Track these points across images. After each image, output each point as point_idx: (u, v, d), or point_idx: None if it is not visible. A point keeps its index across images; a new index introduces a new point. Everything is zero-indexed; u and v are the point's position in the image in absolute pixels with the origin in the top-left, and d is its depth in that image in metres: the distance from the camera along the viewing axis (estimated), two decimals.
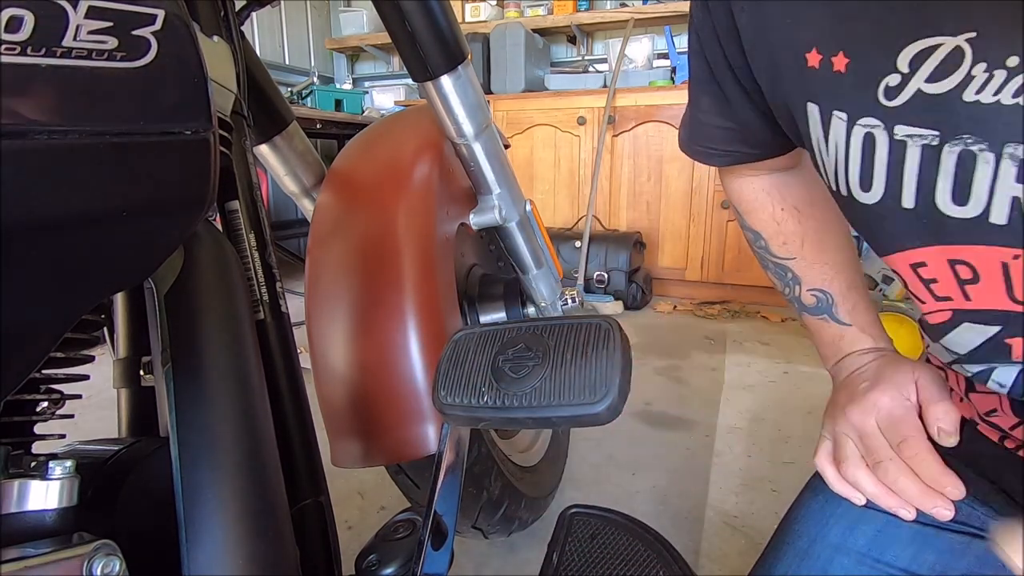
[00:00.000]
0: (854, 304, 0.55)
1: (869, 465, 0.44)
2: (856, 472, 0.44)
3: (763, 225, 0.58)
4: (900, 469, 0.41)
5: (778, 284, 0.60)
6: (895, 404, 0.45)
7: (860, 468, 0.44)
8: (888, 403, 0.45)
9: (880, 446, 0.44)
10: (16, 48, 0.22)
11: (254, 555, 0.36)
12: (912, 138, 0.35)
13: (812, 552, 0.51)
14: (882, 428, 0.44)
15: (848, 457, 0.45)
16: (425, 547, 0.48)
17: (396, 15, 0.55)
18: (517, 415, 0.30)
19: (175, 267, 0.40)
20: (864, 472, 0.44)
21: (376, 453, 0.63)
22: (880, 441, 0.44)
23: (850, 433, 0.46)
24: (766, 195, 0.58)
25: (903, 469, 0.41)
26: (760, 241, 0.59)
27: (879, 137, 0.37)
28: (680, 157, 2.57)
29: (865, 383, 0.48)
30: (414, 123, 0.75)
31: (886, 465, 0.42)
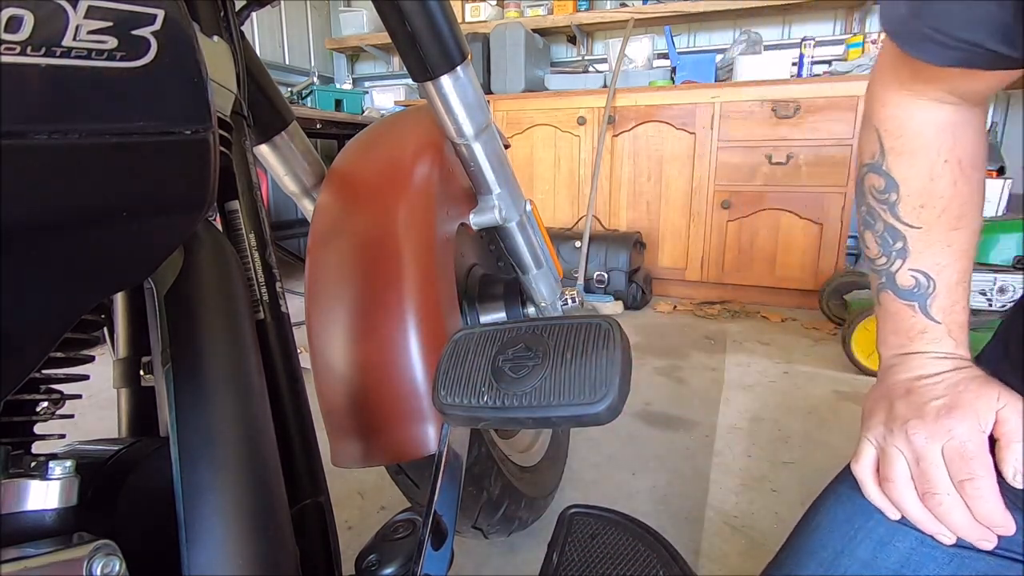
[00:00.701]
0: (955, 301, 0.47)
1: (919, 492, 0.41)
2: (903, 495, 0.41)
3: (911, 175, 0.47)
4: (956, 504, 0.39)
5: (872, 250, 0.50)
6: (970, 436, 0.39)
7: (908, 492, 0.41)
8: (962, 434, 0.39)
9: (941, 479, 0.40)
10: (16, 48, 0.22)
11: (254, 555, 0.36)
12: None
13: (838, 565, 0.48)
14: (947, 460, 0.40)
15: (897, 479, 0.42)
16: (425, 547, 0.48)
17: (396, 15, 0.55)
18: (517, 415, 0.30)
19: (175, 267, 0.40)
20: (912, 497, 0.41)
21: (376, 453, 0.63)
22: (942, 474, 0.40)
23: (906, 452, 0.42)
24: (937, 134, 0.46)
25: (959, 505, 0.38)
26: (891, 195, 0.48)
27: None
28: (680, 157, 2.57)
29: (938, 400, 0.42)
30: (414, 123, 0.75)
31: (942, 498, 0.39)
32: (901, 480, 0.42)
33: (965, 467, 0.39)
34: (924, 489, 0.40)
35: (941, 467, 0.40)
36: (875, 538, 0.48)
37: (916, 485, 0.41)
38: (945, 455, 0.40)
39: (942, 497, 0.39)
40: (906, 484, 0.41)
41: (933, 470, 0.40)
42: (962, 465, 0.39)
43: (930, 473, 0.40)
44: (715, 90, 2.45)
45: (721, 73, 2.67)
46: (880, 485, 0.43)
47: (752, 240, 2.53)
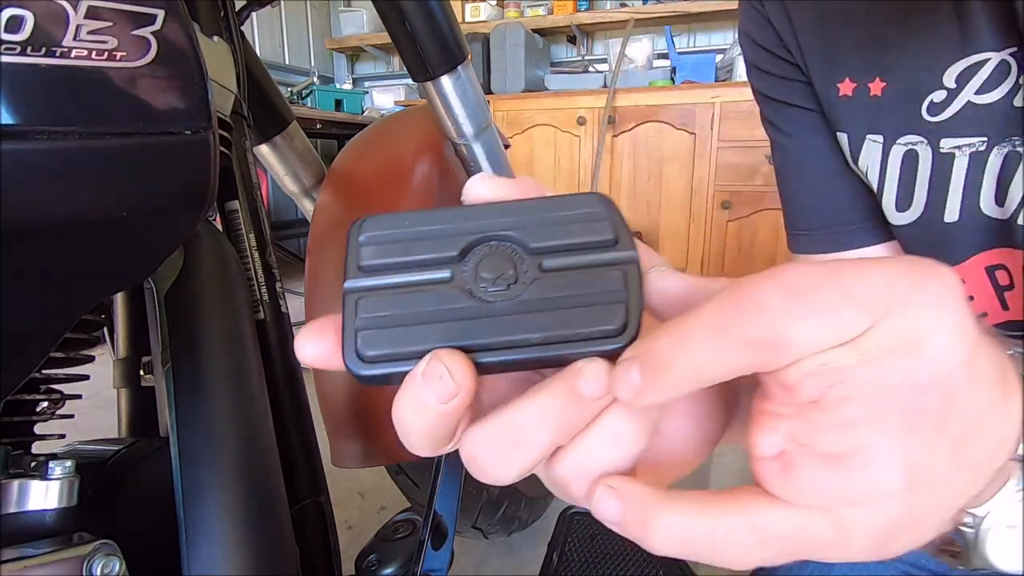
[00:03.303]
0: None
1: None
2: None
3: None
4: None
5: None
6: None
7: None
8: None
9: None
10: (16, 48, 0.22)
11: (254, 555, 0.36)
12: (960, 148, 0.36)
13: None
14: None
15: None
16: (425, 547, 0.48)
17: (396, 15, 0.55)
18: None
19: (175, 267, 0.40)
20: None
21: (376, 453, 0.63)
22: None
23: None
24: None
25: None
26: None
27: (922, 153, 0.38)
28: (680, 157, 2.57)
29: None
30: (414, 123, 0.75)
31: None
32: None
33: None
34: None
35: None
36: None
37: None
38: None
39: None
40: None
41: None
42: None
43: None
44: (715, 90, 2.45)
45: (721, 73, 2.67)
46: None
47: (752, 240, 2.53)
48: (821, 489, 0.16)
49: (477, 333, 0.18)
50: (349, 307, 0.19)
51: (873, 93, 0.39)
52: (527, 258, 0.19)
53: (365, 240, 0.19)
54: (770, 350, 0.16)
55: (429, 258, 0.19)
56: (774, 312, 0.15)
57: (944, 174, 0.37)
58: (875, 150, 0.40)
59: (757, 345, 0.16)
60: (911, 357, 0.16)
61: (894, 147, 0.39)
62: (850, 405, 0.16)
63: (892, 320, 0.16)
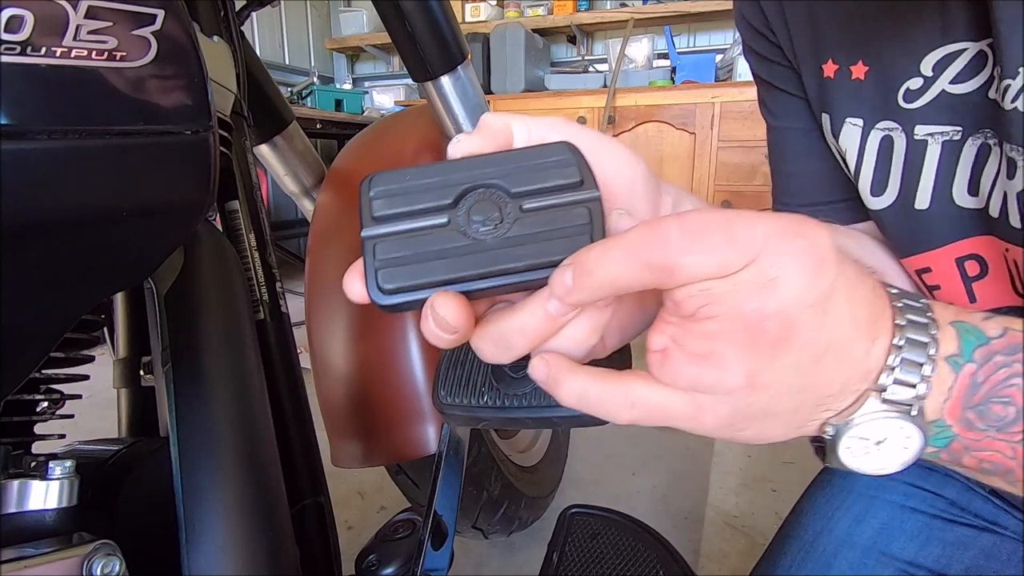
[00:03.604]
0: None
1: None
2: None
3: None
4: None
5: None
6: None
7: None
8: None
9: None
10: (16, 48, 0.22)
11: (254, 555, 0.36)
12: (933, 136, 0.37)
13: (817, 545, 0.51)
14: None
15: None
16: (425, 547, 0.48)
17: (396, 15, 0.55)
18: (517, 415, 0.30)
19: (175, 267, 0.40)
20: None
21: (376, 453, 0.63)
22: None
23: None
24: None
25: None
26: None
27: (897, 139, 0.38)
28: (680, 157, 2.57)
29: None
30: (414, 123, 0.75)
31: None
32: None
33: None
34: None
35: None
36: (850, 516, 0.50)
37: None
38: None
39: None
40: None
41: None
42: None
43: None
44: (715, 90, 2.45)
45: (721, 73, 2.67)
46: None
47: None
48: (684, 376, 0.22)
49: (472, 266, 0.22)
50: (368, 251, 0.23)
51: (855, 76, 0.39)
52: (510, 201, 0.23)
53: (375, 195, 0.23)
54: (665, 273, 0.21)
55: (429, 206, 0.23)
56: (673, 246, 0.20)
57: (917, 161, 0.38)
58: (854, 133, 0.40)
59: (656, 268, 0.21)
60: (765, 292, 0.21)
61: (872, 131, 0.39)
62: (715, 322, 0.21)
63: (760, 263, 0.20)
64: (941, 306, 0.25)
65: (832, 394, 0.23)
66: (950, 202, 0.37)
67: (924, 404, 0.24)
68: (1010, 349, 0.24)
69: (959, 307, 0.26)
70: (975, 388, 0.24)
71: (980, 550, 0.46)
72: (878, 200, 0.40)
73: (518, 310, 0.23)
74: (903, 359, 0.23)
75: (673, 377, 0.23)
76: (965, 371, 0.24)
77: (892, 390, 0.23)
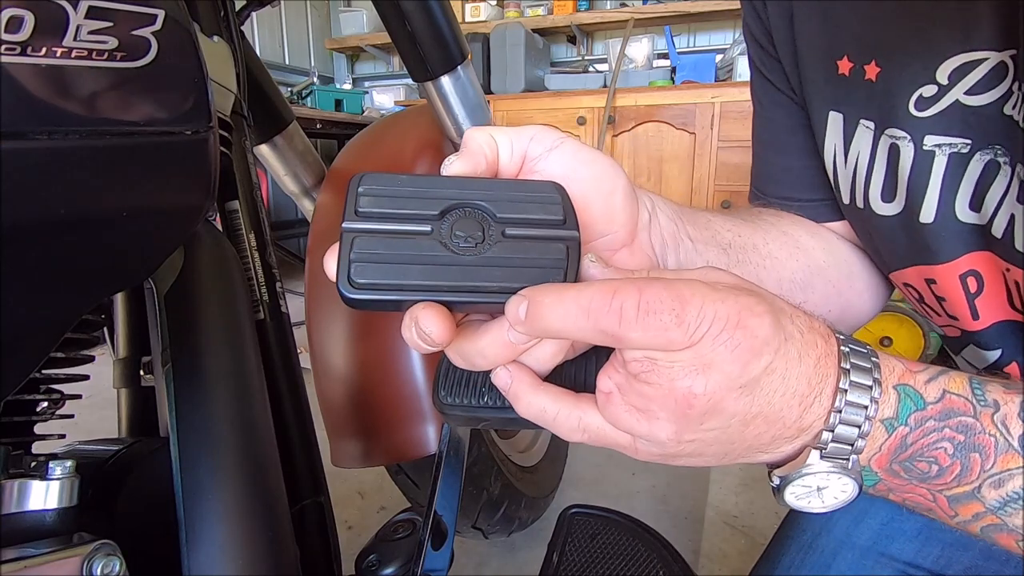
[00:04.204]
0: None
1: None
2: None
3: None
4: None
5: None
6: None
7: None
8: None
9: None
10: (16, 48, 0.22)
11: (254, 555, 0.36)
12: (941, 147, 0.35)
13: (816, 546, 0.51)
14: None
15: None
16: (425, 547, 0.48)
17: (396, 15, 0.55)
18: (517, 415, 0.30)
19: (175, 267, 0.40)
20: None
21: (376, 453, 0.63)
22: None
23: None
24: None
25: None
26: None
27: (904, 149, 0.37)
28: (680, 157, 2.58)
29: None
30: (414, 123, 0.75)
31: None
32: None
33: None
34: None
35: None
36: (849, 517, 0.50)
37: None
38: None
39: None
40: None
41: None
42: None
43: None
44: (715, 90, 2.45)
45: (721, 73, 2.67)
46: None
47: None
48: (622, 421, 0.25)
49: (447, 277, 0.23)
50: (345, 243, 0.23)
51: (868, 76, 0.38)
52: (493, 225, 0.24)
53: (363, 191, 0.24)
54: (613, 341, 0.23)
55: (415, 213, 0.23)
56: (626, 320, 0.22)
57: (923, 172, 0.36)
58: (866, 136, 0.39)
59: (607, 335, 0.23)
60: (698, 375, 0.23)
61: (882, 137, 0.38)
62: (652, 388, 0.24)
63: (699, 348, 0.23)
64: (889, 365, 0.27)
65: (762, 445, 0.26)
66: (953, 217, 0.36)
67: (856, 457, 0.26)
68: (943, 415, 0.26)
69: (907, 365, 0.27)
70: (904, 448, 0.26)
71: (979, 551, 0.46)
72: (888, 207, 0.39)
73: (481, 334, 0.25)
74: (842, 420, 0.25)
75: (613, 419, 0.25)
76: (898, 433, 0.26)
77: (831, 447, 0.26)
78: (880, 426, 0.26)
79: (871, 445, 0.26)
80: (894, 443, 0.26)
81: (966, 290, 0.37)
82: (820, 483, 0.27)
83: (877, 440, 0.26)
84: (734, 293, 0.24)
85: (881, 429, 0.26)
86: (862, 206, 0.40)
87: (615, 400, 0.25)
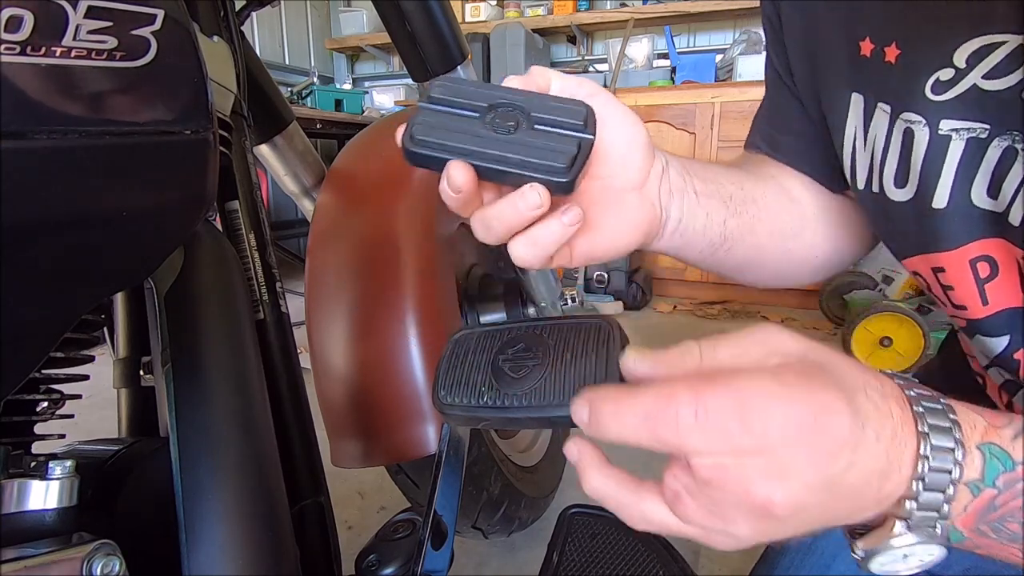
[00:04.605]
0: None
1: None
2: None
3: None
4: None
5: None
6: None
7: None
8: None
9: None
10: (16, 48, 0.22)
11: (254, 555, 0.36)
12: (958, 131, 0.34)
13: (815, 548, 0.50)
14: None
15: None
16: (425, 547, 0.48)
17: (396, 15, 0.55)
18: (517, 415, 0.30)
19: (175, 267, 0.40)
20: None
21: (376, 453, 0.63)
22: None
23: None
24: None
25: None
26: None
27: (918, 133, 0.36)
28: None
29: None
30: None
31: None
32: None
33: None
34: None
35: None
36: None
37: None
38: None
39: None
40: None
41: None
42: None
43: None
44: (715, 90, 2.45)
45: (721, 73, 2.67)
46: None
47: None
48: (696, 520, 0.24)
49: (482, 146, 0.28)
50: (417, 113, 0.30)
51: (888, 59, 0.37)
52: (526, 119, 0.29)
53: (437, 84, 0.30)
54: (675, 449, 0.23)
55: (470, 103, 0.30)
56: (683, 429, 0.22)
57: (938, 157, 0.36)
58: (883, 119, 0.38)
59: (667, 445, 0.23)
60: (776, 481, 0.22)
61: (897, 121, 0.37)
62: (725, 493, 0.23)
63: (773, 455, 0.22)
64: (969, 421, 0.26)
65: (840, 519, 0.26)
66: (968, 202, 0.36)
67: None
68: None
69: (988, 419, 0.26)
70: (992, 509, 0.25)
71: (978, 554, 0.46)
72: (901, 192, 0.39)
73: (500, 201, 0.29)
74: (926, 486, 0.24)
75: (685, 518, 0.25)
76: (985, 495, 0.25)
77: (916, 516, 0.25)
78: (965, 488, 0.25)
79: (955, 507, 0.25)
80: (980, 504, 0.25)
81: (976, 276, 0.37)
82: (907, 552, 0.26)
83: (961, 502, 0.25)
84: (807, 390, 0.23)
85: (966, 491, 0.25)
86: (877, 191, 0.40)
87: (685, 501, 0.24)
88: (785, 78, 0.47)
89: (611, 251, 0.36)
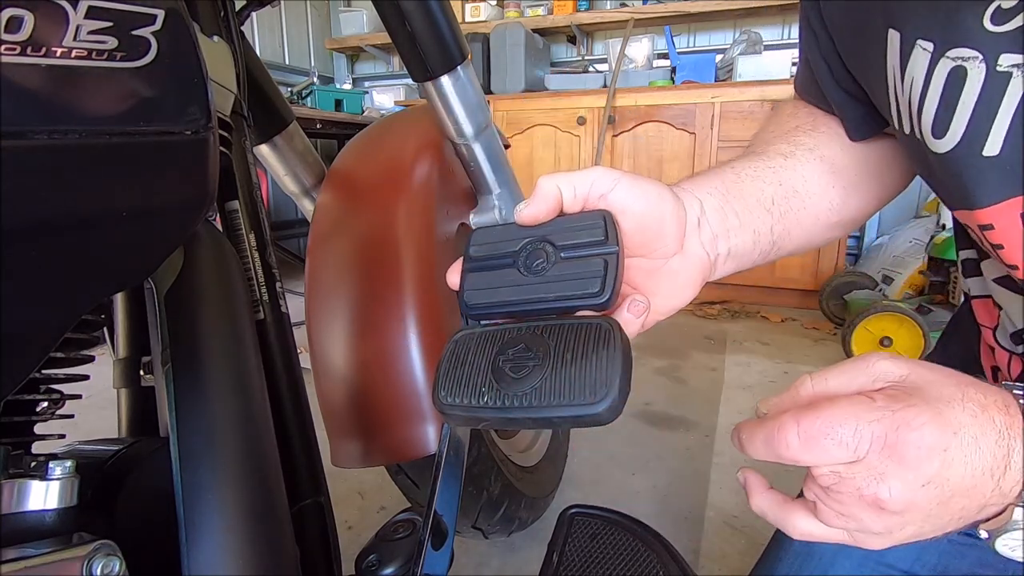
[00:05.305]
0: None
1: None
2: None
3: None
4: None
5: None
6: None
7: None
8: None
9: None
10: (16, 48, 0.22)
11: (254, 555, 0.36)
12: (1020, 67, 0.31)
13: (814, 552, 0.51)
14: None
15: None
16: (425, 547, 0.48)
17: (396, 15, 0.55)
18: (517, 415, 0.30)
19: (175, 267, 0.40)
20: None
21: (376, 453, 0.63)
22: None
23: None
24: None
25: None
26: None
27: (972, 71, 0.32)
28: (680, 157, 2.58)
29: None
30: (414, 123, 0.75)
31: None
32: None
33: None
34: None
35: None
36: None
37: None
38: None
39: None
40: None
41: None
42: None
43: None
44: (715, 90, 2.45)
45: (721, 73, 2.67)
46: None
47: None
48: (834, 523, 0.30)
49: (525, 293, 0.32)
50: (464, 278, 0.35)
51: None
52: (552, 251, 0.33)
53: (473, 241, 0.36)
54: (792, 463, 0.29)
55: (502, 252, 0.34)
56: (793, 450, 0.28)
57: (994, 97, 0.32)
58: (923, 59, 0.34)
59: (787, 460, 0.29)
60: (878, 483, 0.27)
61: (942, 60, 0.33)
62: (844, 496, 0.29)
63: (868, 462, 0.27)
64: None
65: (970, 514, 0.29)
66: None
67: None
68: None
69: None
70: None
71: (976, 559, 0.46)
72: (940, 143, 0.35)
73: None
74: None
75: (827, 522, 0.30)
76: None
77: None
78: None
79: None
80: None
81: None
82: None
83: None
84: (890, 409, 0.27)
85: None
86: (919, 137, 0.37)
87: (821, 508, 0.30)
88: (815, 26, 0.44)
89: (674, 309, 0.39)
